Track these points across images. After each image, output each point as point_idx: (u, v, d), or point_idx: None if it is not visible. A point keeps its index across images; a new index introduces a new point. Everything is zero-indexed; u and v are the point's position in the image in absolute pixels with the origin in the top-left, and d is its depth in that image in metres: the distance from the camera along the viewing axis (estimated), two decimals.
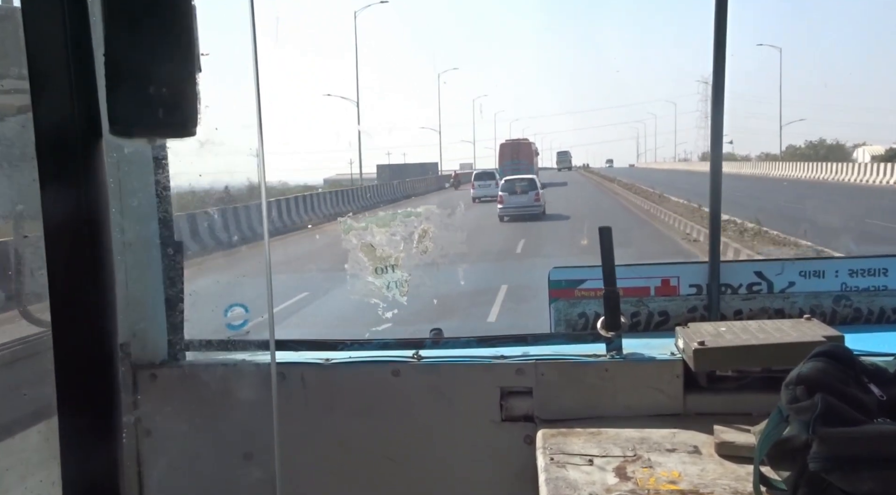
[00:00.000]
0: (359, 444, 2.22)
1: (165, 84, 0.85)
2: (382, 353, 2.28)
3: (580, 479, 1.69)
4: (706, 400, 2.05)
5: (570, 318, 2.48)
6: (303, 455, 2.21)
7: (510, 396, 2.14)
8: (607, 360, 2.13)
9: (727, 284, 2.42)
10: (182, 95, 0.87)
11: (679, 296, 2.47)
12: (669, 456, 1.79)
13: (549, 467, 1.77)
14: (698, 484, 1.63)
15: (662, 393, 2.07)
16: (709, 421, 1.92)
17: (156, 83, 0.85)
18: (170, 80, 0.86)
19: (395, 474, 2.22)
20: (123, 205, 2.13)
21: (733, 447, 1.78)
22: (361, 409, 2.21)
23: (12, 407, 1.70)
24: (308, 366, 2.23)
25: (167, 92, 0.85)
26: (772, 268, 2.44)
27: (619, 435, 1.93)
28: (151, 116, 0.86)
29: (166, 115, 0.86)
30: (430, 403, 2.18)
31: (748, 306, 2.41)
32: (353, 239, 2.30)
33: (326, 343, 2.36)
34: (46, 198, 0.87)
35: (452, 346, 2.32)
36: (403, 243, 2.30)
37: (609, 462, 1.78)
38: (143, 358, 2.23)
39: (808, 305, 2.38)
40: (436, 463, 2.20)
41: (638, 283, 2.48)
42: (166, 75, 0.86)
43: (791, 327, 2.02)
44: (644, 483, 1.66)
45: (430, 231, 2.34)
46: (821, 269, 2.42)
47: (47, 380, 0.92)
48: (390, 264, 2.30)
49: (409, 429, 2.20)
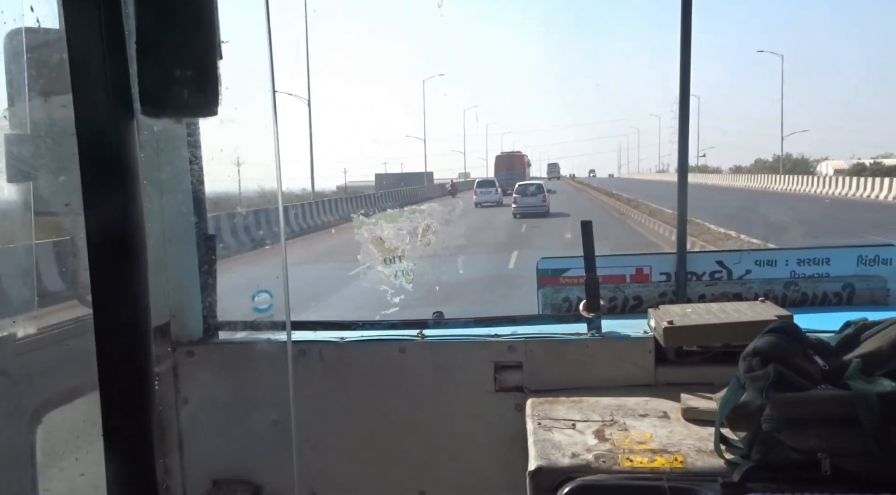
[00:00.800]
0: (369, 412, 2.23)
1: (191, 67, 0.85)
2: (390, 333, 2.28)
3: (564, 441, 1.69)
4: (674, 372, 2.06)
5: (556, 302, 2.49)
6: (321, 422, 2.22)
7: (503, 370, 2.15)
8: (588, 338, 2.14)
9: (692, 272, 2.43)
10: (205, 78, 0.86)
11: (651, 283, 2.48)
12: (642, 421, 1.80)
13: (537, 430, 1.77)
14: (667, 444, 1.64)
15: (636, 366, 2.08)
16: (676, 390, 1.93)
17: (182, 67, 0.84)
18: (194, 63, 0.85)
19: (401, 438, 2.22)
20: (164, 205, 2.14)
21: (697, 412, 1.79)
22: (372, 382, 2.22)
23: (63, 380, 1.70)
24: (325, 344, 2.23)
25: (192, 75, 0.85)
26: (731, 258, 2.45)
27: (598, 403, 1.94)
28: (178, 97, 0.85)
29: (191, 96, 0.86)
30: (432, 376, 2.19)
31: (711, 291, 2.42)
32: (364, 233, 2.32)
33: (341, 323, 2.37)
34: (85, 178, 0.86)
35: (452, 326, 2.32)
36: (409, 237, 2.32)
37: (589, 426, 1.78)
38: (182, 336, 2.24)
39: (763, 290, 2.39)
40: (437, 428, 2.20)
41: (615, 271, 2.49)
42: (191, 59, 0.85)
43: (748, 308, 2.04)
44: (620, 443, 1.66)
45: (432, 226, 2.36)
46: (773, 259, 2.43)
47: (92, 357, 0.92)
48: (398, 255, 2.32)
49: (413, 399, 2.21)
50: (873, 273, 2.40)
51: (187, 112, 0.93)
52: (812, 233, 19.55)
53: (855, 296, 2.40)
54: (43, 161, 1.57)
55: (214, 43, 0.86)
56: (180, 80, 0.84)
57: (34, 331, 1.63)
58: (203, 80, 0.85)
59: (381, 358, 2.22)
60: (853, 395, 1.35)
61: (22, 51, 1.52)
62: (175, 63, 0.84)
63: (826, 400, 1.38)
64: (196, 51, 0.85)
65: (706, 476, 1.47)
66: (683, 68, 2.29)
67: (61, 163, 1.56)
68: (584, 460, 1.58)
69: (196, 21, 0.84)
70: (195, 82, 0.85)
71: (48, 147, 1.57)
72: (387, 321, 2.33)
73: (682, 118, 2.34)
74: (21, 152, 1.54)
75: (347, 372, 2.23)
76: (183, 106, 0.86)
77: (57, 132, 1.56)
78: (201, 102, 0.86)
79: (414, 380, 2.20)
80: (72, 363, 1.64)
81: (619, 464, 1.55)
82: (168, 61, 0.84)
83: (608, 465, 1.55)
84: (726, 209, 28.77)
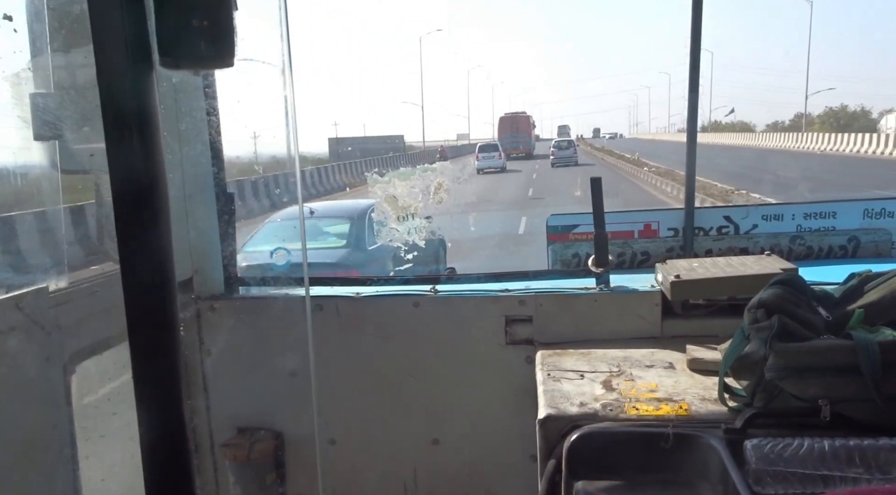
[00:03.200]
0: (384, 364, 2.26)
1: (207, 18, 0.84)
2: (404, 288, 2.31)
3: (573, 390, 1.71)
4: (680, 325, 2.07)
5: (565, 258, 2.50)
6: (338, 373, 2.26)
7: (513, 323, 2.17)
8: (596, 292, 2.16)
9: (700, 227, 2.44)
10: (221, 29, 0.86)
11: (659, 238, 2.48)
12: (648, 371, 1.81)
13: (547, 381, 1.79)
14: (672, 393, 1.66)
15: (643, 319, 2.10)
16: (682, 342, 1.95)
17: (198, 18, 0.84)
18: (210, 14, 0.85)
19: (415, 389, 2.26)
20: (184, 157, 2.15)
21: (702, 362, 1.80)
22: (387, 335, 2.25)
23: (95, 331, 1.74)
24: (342, 299, 2.26)
25: (208, 26, 0.84)
26: (738, 213, 2.45)
27: (605, 355, 1.96)
28: (195, 48, 0.85)
29: (207, 47, 0.85)
30: (445, 330, 2.22)
31: (718, 246, 2.42)
32: (378, 191, 2.33)
33: (358, 279, 2.40)
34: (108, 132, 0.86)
35: (464, 282, 2.35)
36: (422, 195, 2.33)
37: (597, 376, 1.80)
38: (205, 291, 2.28)
39: (769, 244, 2.38)
40: (451, 379, 2.24)
41: (624, 227, 2.50)
42: (207, 11, 0.85)
43: (753, 262, 2.04)
44: (626, 392, 1.68)
45: (444, 184, 2.36)
46: (780, 213, 2.43)
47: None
48: (411, 213, 2.33)
49: (427, 352, 2.24)
50: (879, 226, 2.39)
51: (204, 63, 0.92)
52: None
53: (860, 249, 2.40)
54: (68, 114, 1.58)
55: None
56: (197, 31, 0.84)
57: (65, 284, 1.67)
58: (219, 31, 0.85)
59: (396, 312, 2.24)
60: (854, 344, 1.36)
61: (43, 6, 1.52)
62: (191, 14, 0.84)
63: (828, 349, 1.40)
64: (212, 2, 0.85)
65: (710, 423, 1.49)
66: (695, 21, 2.25)
67: (85, 115, 1.57)
68: (592, 409, 1.60)
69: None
70: (211, 33, 0.85)
71: (72, 99, 1.58)
72: (401, 277, 2.35)
73: (692, 75, 2.31)
74: (46, 109, 1.56)
75: (363, 325, 2.26)
76: (200, 57, 0.86)
77: (80, 85, 1.57)
78: (218, 53, 0.86)
79: (427, 334, 2.23)
80: (103, 314, 1.68)
81: (625, 412, 1.57)
82: (185, 13, 0.84)
83: (615, 413, 1.57)
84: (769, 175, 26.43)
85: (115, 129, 0.87)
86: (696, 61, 2.29)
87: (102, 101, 0.86)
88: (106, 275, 1.81)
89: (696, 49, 2.28)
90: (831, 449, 1.24)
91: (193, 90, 2.12)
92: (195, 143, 2.16)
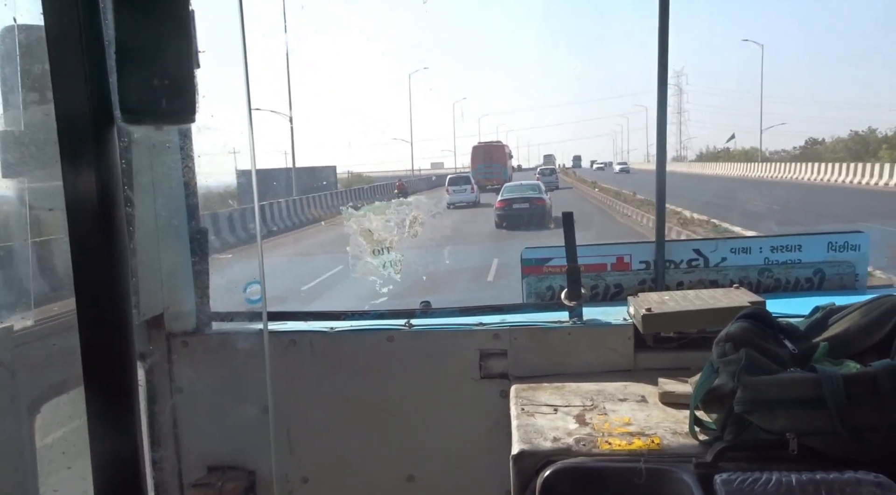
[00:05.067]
0: (359, 399, 2.24)
1: (168, 76, 0.85)
2: (379, 322, 2.30)
3: (546, 425, 1.71)
4: (653, 358, 2.08)
5: (539, 291, 2.50)
6: (312, 408, 2.24)
7: (488, 357, 2.17)
8: (570, 326, 2.16)
9: (671, 260, 2.46)
10: (183, 86, 0.86)
11: (631, 271, 2.50)
12: (621, 405, 1.82)
13: (521, 415, 1.79)
14: (644, 427, 1.66)
15: (616, 352, 2.11)
16: (655, 375, 1.95)
17: (159, 75, 0.84)
18: (172, 72, 0.85)
19: (390, 425, 2.24)
20: (157, 196, 2.14)
21: (674, 396, 1.82)
22: (361, 370, 2.23)
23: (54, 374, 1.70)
24: (315, 334, 2.25)
25: (170, 83, 0.85)
26: (707, 246, 2.48)
27: (579, 388, 1.96)
28: (157, 105, 0.85)
29: (169, 103, 0.85)
30: (419, 364, 2.21)
31: (688, 278, 2.45)
32: (353, 225, 2.33)
33: (331, 314, 2.38)
34: (66, 180, 0.87)
35: (439, 316, 2.34)
36: (397, 228, 2.34)
37: (571, 410, 1.80)
38: (176, 327, 2.25)
39: (738, 277, 2.42)
40: (425, 414, 2.22)
41: (596, 260, 2.51)
42: (169, 67, 0.85)
43: (722, 295, 2.07)
44: (599, 427, 1.68)
45: (419, 218, 2.38)
46: (748, 246, 2.46)
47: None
48: (386, 247, 2.33)
49: (401, 386, 2.22)
50: (842, 258, 2.44)
51: (166, 119, 0.94)
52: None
53: (825, 282, 2.44)
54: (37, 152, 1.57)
55: (191, 52, 0.87)
56: (159, 88, 0.85)
57: (31, 323, 1.64)
58: (180, 88, 0.86)
59: (370, 347, 2.23)
60: (819, 377, 1.38)
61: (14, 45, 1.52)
62: (154, 72, 0.84)
63: (794, 383, 1.41)
64: (174, 60, 0.85)
65: (681, 457, 1.50)
66: (662, 54, 2.30)
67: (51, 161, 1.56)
68: (565, 444, 1.60)
69: (173, 31, 0.85)
70: (173, 91, 0.85)
71: (39, 145, 1.57)
72: (375, 311, 2.35)
73: (660, 108, 2.36)
74: (16, 145, 1.55)
75: (337, 360, 2.24)
76: (161, 113, 0.87)
77: (49, 129, 1.56)
78: (179, 110, 0.87)
79: (402, 368, 2.22)
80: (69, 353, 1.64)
81: (598, 447, 1.58)
82: (147, 70, 0.84)
83: (588, 448, 1.58)
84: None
85: (74, 182, 0.87)
86: (664, 98, 2.34)
87: (62, 154, 0.86)
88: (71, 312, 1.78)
89: (664, 85, 2.33)
90: (798, 483, 1.25)
91: (167, 134, 2.12)
92: (168, 189, 2.15)
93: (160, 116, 0.89)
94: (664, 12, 2.28)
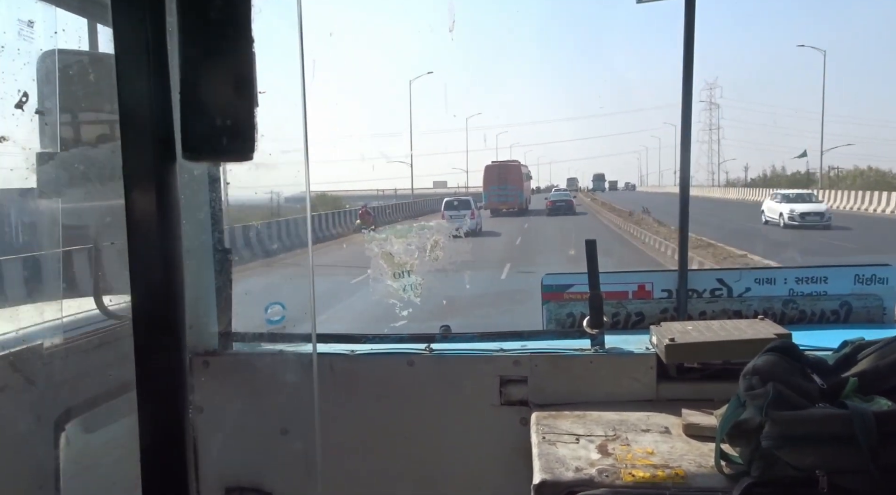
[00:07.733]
0: (378, 423, 2.23)
1: (230, 116, 0.88)
2: (399, 346, 2.29)
3: (568, 454, 1.69)
4: (675, 388, 2.06)
5: (560, 318, 2.49)
6: (331, 431, 2.22)
7: (508, 384, 2.15)
8: (592, 354, 2.15)
9: (693, 289, 2.44)
10: (243, 126, 0.89)
11: (653, 300, 2.48)
12: (644, 436, 1.80)
13: (542, 444, 1.77)
14: (668, 460, 1.64)
15: (638, 382, 2.08)
16: (678, 406, 1.93)
17: (222, 116, 0.88)
18: (234, 112, 0.88)
19: (409, 449, 2.22)
20: (185, 217, 2.17)
21: (698, 428, 1.79)
22: (381, 394, 2.23)
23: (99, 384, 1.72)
24: (336, 357, 2.24)
25: (231, 123, 0.88)
26: (731, 276, 2.46)
27: (601, 418, 1.94)
28: (218, 143, 0.88)
29: (229, 142, 0.89)
30: (439, 389, 2.20)
31: (711, 308, 2.43)
32: (375, 248, 2.34)
33: (352, 336, 2.38)
34: (130, 212, 0.90)
35: (459, 340, 2.33)
36: (418, 252, 2.34)
37: (593, 440, 1.78)
38: (198, 347, 2.26)
39: (762, 307, 2.40)
40: (444, 440, 2.20)
41: (618, 288, 2.50)
42: (230, 109, 0.88)
43: (747, 326, 2.04)
44: (622, 458, 1.66)
45: (440, 242, 2.38)
46: (772, 277, 2.44)
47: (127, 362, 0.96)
48: (406, 270, 2.33)
49: (421, 411, 2.21)
50: (870, 291, 2.41)
51: (225, 157, 0.97)
52: None
53: (852, 315, 2.41)
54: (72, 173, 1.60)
55: (253, 94, 0.90)
56: (220, 128, 0.88)
57: (60, 341, 1.66)
58: (241, 128, 0.89)
59: (391, 370, 2.23)
60: (850, 414, 1.36)
61: (55, 67, 1.56)
62: (216, 113, 0.88)
63: (824, 419, 1.39)
64: (236, 101, 0.89)
65: (707, 491, 1.47)
66: (686, 79, 2.29)
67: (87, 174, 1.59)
68: (588, 474, 1.58)
69: (237, 76, 0.88)
70: (234, 130, 0.88)
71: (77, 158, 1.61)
72: (395, 335, 2.34)
73: (683, 135, 2.35)
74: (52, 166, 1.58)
75: (357, 384, 2.24)
76: (221, 151, 0.90)
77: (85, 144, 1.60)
78: (238, 148, 0.90)
79: (422, 393, 2.21)
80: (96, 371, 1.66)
81: (621, 479, 1.55)
82: (210, 112, 0.88)
83: (611, 480, 1.55)
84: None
85: (138, 219, 0.91)
86: (688, 124, 2.34)
87: (126, 191, 0.90)
88: (100, 331, 1.80)
89: (688, 113, 2.33)
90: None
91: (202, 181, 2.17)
92: (194, 209, 2.18)
93: (220, 154, 0.92)
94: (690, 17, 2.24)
